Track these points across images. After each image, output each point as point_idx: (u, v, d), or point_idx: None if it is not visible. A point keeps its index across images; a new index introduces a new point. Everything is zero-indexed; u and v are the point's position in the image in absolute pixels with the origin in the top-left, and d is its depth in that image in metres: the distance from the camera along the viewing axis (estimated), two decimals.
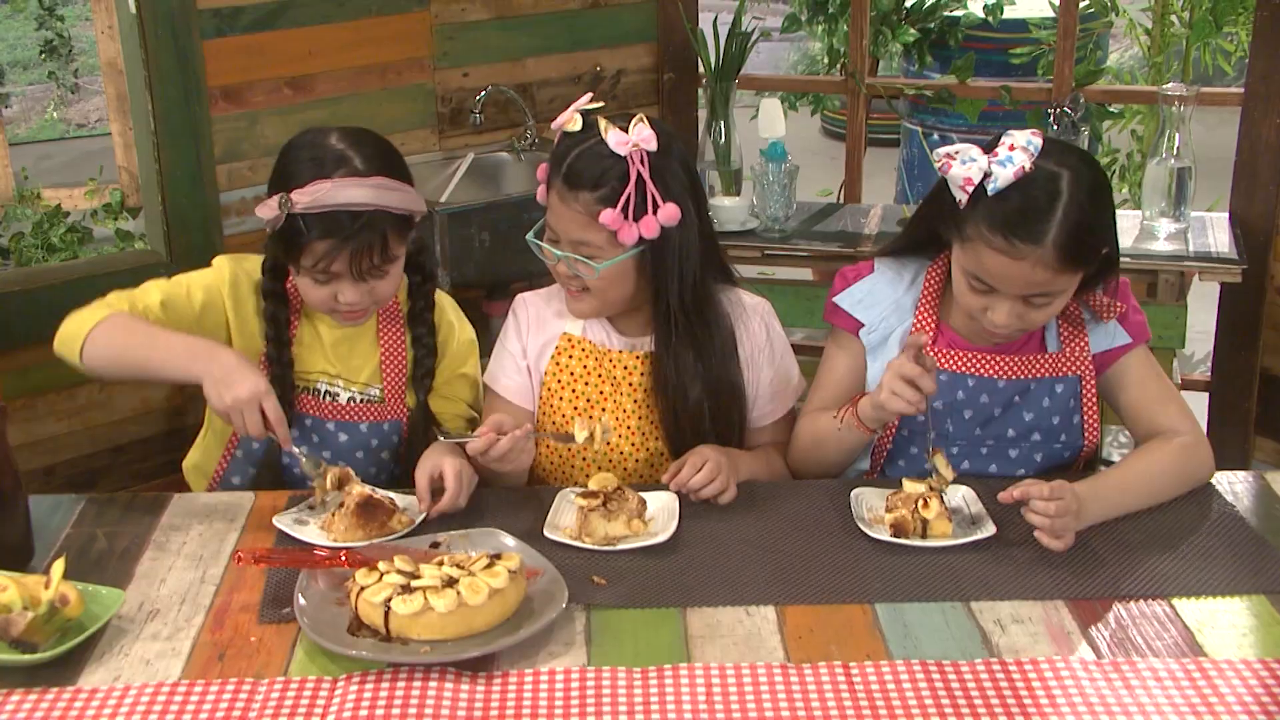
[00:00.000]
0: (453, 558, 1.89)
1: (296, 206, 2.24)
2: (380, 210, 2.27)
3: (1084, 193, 2.11)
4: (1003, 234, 2.09)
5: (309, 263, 2.28)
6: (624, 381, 2.40)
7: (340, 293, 2.31)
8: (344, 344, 2.46)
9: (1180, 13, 5.40)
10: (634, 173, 2.24)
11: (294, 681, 1.75)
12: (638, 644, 1.83)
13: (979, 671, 1.75)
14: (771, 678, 1.74)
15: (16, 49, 10.12)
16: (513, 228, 3.56)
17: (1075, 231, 2.09)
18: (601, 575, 1.98)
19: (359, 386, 2.46)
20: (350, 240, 2.25)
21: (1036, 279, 2.12)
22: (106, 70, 6.53)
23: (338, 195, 2.24)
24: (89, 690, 1.73)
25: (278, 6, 3.62)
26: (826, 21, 5.31)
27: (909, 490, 2.10)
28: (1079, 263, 2.13)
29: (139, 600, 1.93)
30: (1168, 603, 1.91)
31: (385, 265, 2.32)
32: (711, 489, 2.20)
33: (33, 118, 9.39)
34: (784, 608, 1.90)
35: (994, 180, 2.09)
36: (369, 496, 2.09)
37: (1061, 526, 2.02)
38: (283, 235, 2.29)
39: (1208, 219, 3.92)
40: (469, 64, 4.00)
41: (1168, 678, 1.73)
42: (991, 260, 2.12)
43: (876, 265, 2.41)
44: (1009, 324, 2.18)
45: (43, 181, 7.21)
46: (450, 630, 1.79)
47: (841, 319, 2.41)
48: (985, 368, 2.31)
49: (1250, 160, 3.96)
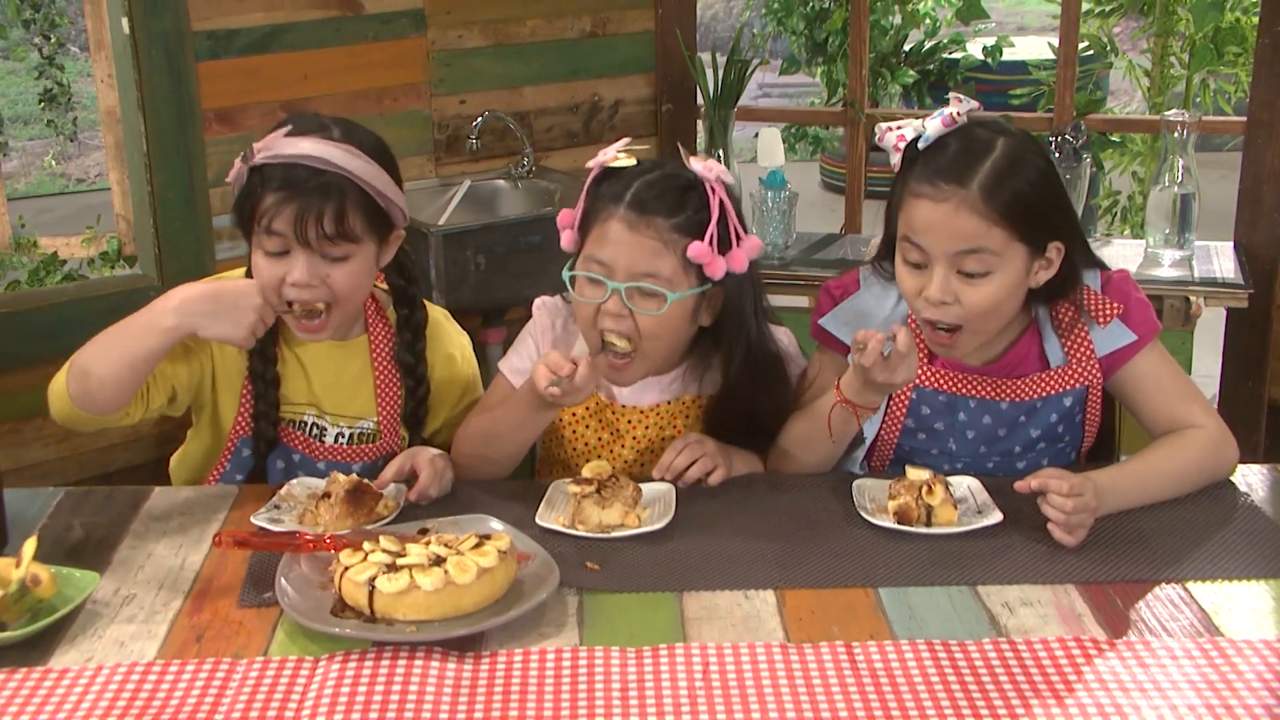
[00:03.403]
0: (440, 537, 1.82)
1: (256, 157, 2.12)
2: (345, 176, 2.11)
3: (1020, 151, 2.06)
4: (929, 180, 2.04)
5: (258, 224, 2.12)
6: (627, 435, 2.31)
7: (290, 270, 2.12)
8: (330, 372, 2.30)
9: (1180, 54, 5.39)
10: (716, 202, 2.12)
11: (274, 661, 1.67)
12: (632, 626, 1.75)
13: (987, 650, 1.68)
14: (771, 656, 1.67)
15: (18, 104, 10.14)
16: (510, 251, 3.53)
17: (1005, 180, 2.02)
18: (595, 562, 1.91)
19: (348, 420, 2.32)
20: (301, 195, 2.08)
21: (963, 228, 2.02)
22: (105, 119, 6.52)
23: (299, 146, 2.11)
24: (59, 670, 1.66)
25: (273, 29, 3.61)
26: (826, 62, 5.30)
27: (912, 478, 2.03)
28: (1013, 219, 2.03)
29: (115, 585, 1.86)
30: (1182, 586, 1.84)
31: (340, 244, 2.12)
32: (698, 468, 2.14)
33: (32, 172, 9.38)
34: (784, 591, 1.83)
35: (924, 135, 2.07)
36: (358, 483, 2.02)
37: (1078, 522, 1.94)
38: (244, 199, 2.16)
39: (1212, 247, 3.88)
40: (466, 91, 3.98)
41: (1184, 656, 1.66)
42: (918, 211, 2.06)
43: (863, 281, 2.29)
44: (941, 297, 2.06)
45: (41, 232, 7.18)
46: (437, 610, 1.72)
47: (828, 341, 2.29)
48: (985, 389, 2.21)
49: (1254, 189, 3.93)
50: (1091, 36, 5.39)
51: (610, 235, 2.13)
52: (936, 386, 2.22)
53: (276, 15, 3.61)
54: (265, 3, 3.58)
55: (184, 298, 2.06)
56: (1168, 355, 2.23)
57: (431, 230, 3.50)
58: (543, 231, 3.59)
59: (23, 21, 7.21)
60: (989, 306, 2.08)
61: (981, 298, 2.07)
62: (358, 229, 2.15)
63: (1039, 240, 2.08)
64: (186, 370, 2.25)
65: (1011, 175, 2.04)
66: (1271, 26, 3.83)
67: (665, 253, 2.11)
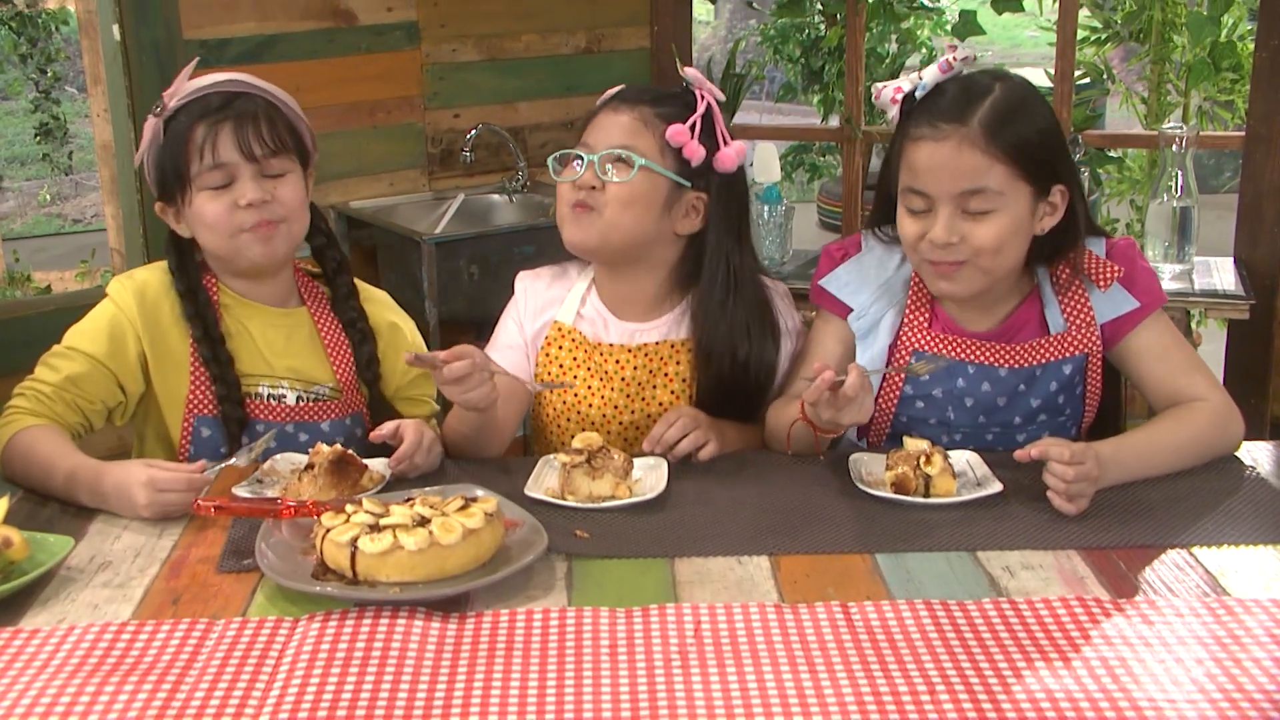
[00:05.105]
0: (425, 499, 1.77)
1: (169, 103, 2.15)
2: (255, 93, 2.19)
3: (1020, 93, 2.07)
4: (928, 123, 2.04)
5: (197, 162, 2.14)
6: (615, 376, 2.29)
7: (240, 194, 2.14)
8: (280, 340, 2.27)
9: (1176, 81, 5.38)
10: (703, 104, 2.20)
11: (251, 621, 1.62)
12: (621, 589, 1.70)
13: (987, 609, 1.62)
14: (765, 616, 1.61)
15: (14, 144, 10.15)
16: (503, 261, 3.50)
17: (1006, 118, 2.02)
18: (585, 531, 1.86)
19: (304, 384, 2.28)
20: (230, 117, 2.14)
21: (965, 165, 2.01)
22: (101, 154, 6.49)
23: (205, 79, 2.18)
24: (30, 630, 1.61)
25: (266, 39, 3.59)
26: (822, 89, 5.29)
27: (910, 448, 1.98)
28: (1015, 156, 2.01)
29: (90, 553, 1.82)
30: (1188, 551, 1.79)
31: (281, 156, 2.18)
32: (688, 442, 2.10)
33: (29, 213, 9.37)
34: (779, 557, 1.78)
35: (921, 84, 2.08)
36: (343, 454, 1.97)
37: (1078, 491, 1.89)
38: (168, 150, 2.16)
39: (1212, 262, 3.84)
40: (460, 105, 3.97)
41: (1190, 614, 1.61)
42: (918, 154, 2.04)
43: (864, 243, 2.27)
44: (947, 238, 2.03)
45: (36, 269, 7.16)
46: (421, 571, 1.66)
47: (828, 303, 2.27)
48: (985, 355, 2.17)
49: (1254, 203, 3.90)
50: (1087, 64, 5.37)
51: (596, 123, 2.23)
52: (936, 351, 2.18)
53: (269, 25, 3.60)
54: (258, 12, 3.57)
55: (104, 492, 1.95)
56: (1173, 327, 2.18)
57: (424, 239, 3.47)
58: (537, 242, 3.57)
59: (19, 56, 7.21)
60: (996, 244, 2.04)
61: (987, 234, 2.04)
62: (288, 141, 2.21)
63: (1042, 180, 2.05)
64: (115, 387, 2.20)
65: (1012, 114, 2.02)
66: (1269, 40, 3.81)
67: (644, 132, 2.20)
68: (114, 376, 2.18)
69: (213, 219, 2.16)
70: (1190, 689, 1.45)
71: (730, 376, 2.25)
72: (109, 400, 2.20)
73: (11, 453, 2.06)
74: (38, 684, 1.49)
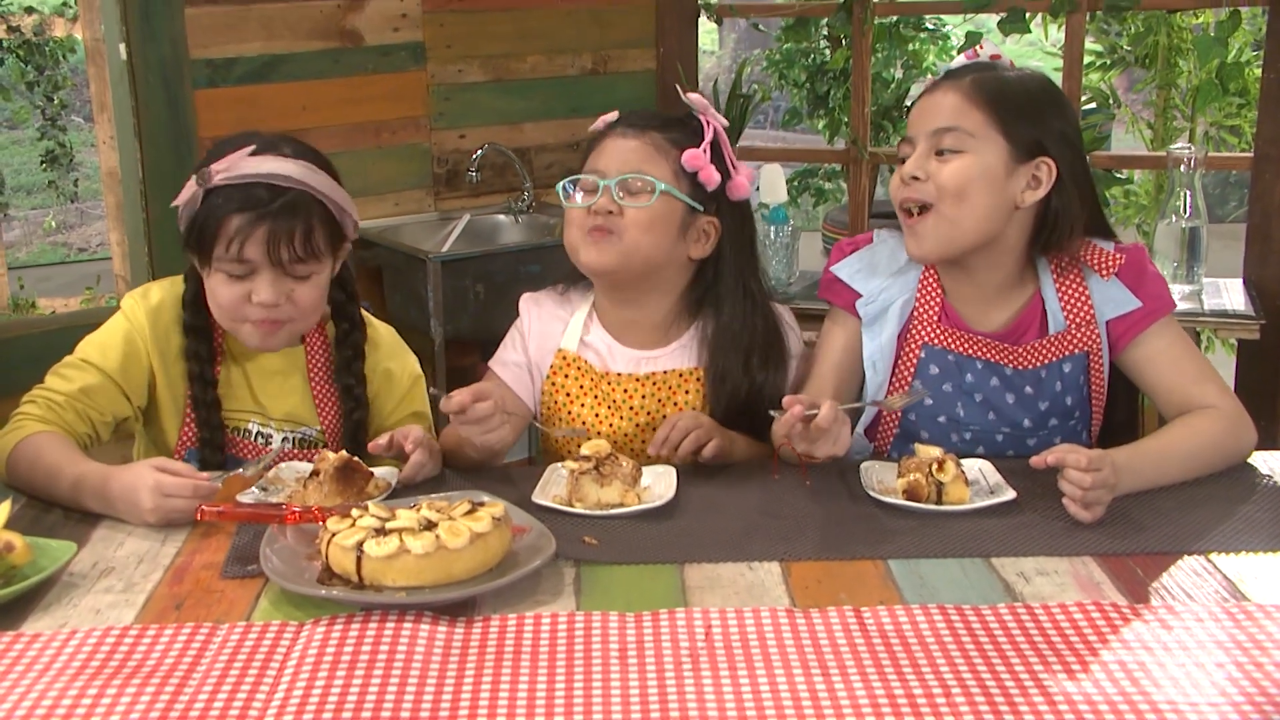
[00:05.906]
0: (432, 503, 1.75)
1: (214, 178, 2.06)
2: (306, 191, 2.09)
3: (1031, 74, 2.15)
4: (932, 85, 2.16)
5: (223, 249, 2.07)
6: (624, 405, 2.26)
7: (256, 290, 2.09)
8: (273, 384, 2.26)
9: (1183, 106, 5.39)
10: (710, 129, 2.21)
11: (255, 626, 1.60)
12: (630, 594, 1.68)
13: (1002, 614, 1.60)
14: (776, 620, 1.59)
15: (21, 174, 10.16)
16: (510, 280, 3.49)
17: (1000, 79, 2.10)
18: (594, 538, 1.84)
19: (291, 426, 2.26)
20: (268, 218, 2.05)
21: (945, 104, 2.09)
22: (107, 180, 6.52)
23: (260, 166, 2.07)
24: (31, 634, 1.58)
25: (272, 59, 3.59)
26: (827, 114, 5.29)
27: (923, 455, 1.96)
28: (994, 105, 2.07)
29: (93, 560, 1.79)
30: (1205, 558, 1.76)
31: (308, 263, 2.11)
32: (691, 441, 2.08)
33: (34, 241, 9.37)
34: (790, 563, 1.75)
35: (947, 68, 2.20)
36: (348, 460, 1.95)
37: (1095, 499, 1.87)
38: (198, 222, 2.09)
39: (1221, 283, 3.82)
40: (466, 126, 3.96)
41: (1210, 619, 1.58)
42: (916, 109, 2.14)
43: (876, 236, 2.29)
44: (913, 172, 2.10)
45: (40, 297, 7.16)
46: (428, 575, 1.64)
47: (838, 291, 2.27)
48: (991, 353, 2.17)
49: (1262, 224, 3.88)
50: (1093, 88, 5.39)
51: (605, 148, 2.21)
52: (945, 345, 2.17)
53: (275, 45, 3.59)
54: (264, 32, 3.57)
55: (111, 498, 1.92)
56: (1183, 334, 2.17)
57: (430, 258, 3.46)
58: (543, 261, 3.56)
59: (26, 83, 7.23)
60: (958, 184, 2.08)
61: (950, 173, 2.08)
62: (323, 246, 2.14)
63: (1023, 141, 2.08)
64: (124, 401, 2.19)
65: (1008, 78, 2.12)
66: (1277, 62, 3.80)
67: (657, 157, 2.19)
68: (123, 391, 2.18)
69: (223, 302, 2.13)
70: (1211, 692, 1.43)
71: (744, 403, 2.24)
72: (118, 413, 2.19)
73: (19, 457, 2.04)
74: (39, 688, 1.46)
